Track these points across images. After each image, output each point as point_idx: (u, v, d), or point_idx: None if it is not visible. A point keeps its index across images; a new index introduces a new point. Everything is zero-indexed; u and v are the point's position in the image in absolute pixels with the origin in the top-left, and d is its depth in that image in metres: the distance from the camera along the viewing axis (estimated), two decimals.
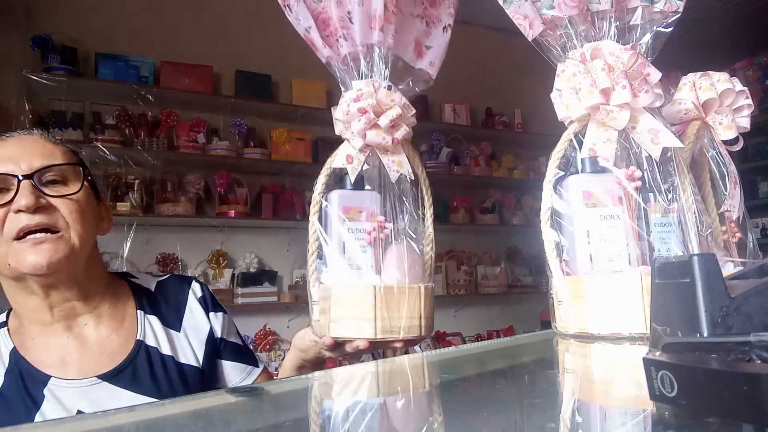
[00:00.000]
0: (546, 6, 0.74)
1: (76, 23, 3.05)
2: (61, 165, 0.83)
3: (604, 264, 0.69)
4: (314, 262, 0.82)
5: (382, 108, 0.80)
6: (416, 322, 0.76)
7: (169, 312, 0.94)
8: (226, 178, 3.20)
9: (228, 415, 0.53)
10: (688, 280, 0.38)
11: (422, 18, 0.89)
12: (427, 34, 0.90)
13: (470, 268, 3.98)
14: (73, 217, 0.81)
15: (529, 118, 4.25)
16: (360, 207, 0.81)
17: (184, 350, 0.92)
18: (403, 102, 0.81)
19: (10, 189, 0.79)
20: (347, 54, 0.82)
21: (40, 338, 0.84)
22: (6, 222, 0.78)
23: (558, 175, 0.74)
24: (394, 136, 0.81)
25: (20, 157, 0.81)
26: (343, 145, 0.83)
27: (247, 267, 3.29)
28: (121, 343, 0.87)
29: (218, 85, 3.37)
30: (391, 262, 0.78)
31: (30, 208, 0.77)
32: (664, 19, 0.74)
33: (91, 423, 0.54)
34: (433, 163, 3.85)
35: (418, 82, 0.88)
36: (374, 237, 0.79)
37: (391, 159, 0.82)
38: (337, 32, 0.82)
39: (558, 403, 0.49)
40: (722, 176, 0.83)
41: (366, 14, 0.81)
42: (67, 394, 0.81)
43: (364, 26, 0.80)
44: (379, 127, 0.80)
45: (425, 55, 0.89)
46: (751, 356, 0.32)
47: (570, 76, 0.72)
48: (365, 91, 0.79)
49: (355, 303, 0.75)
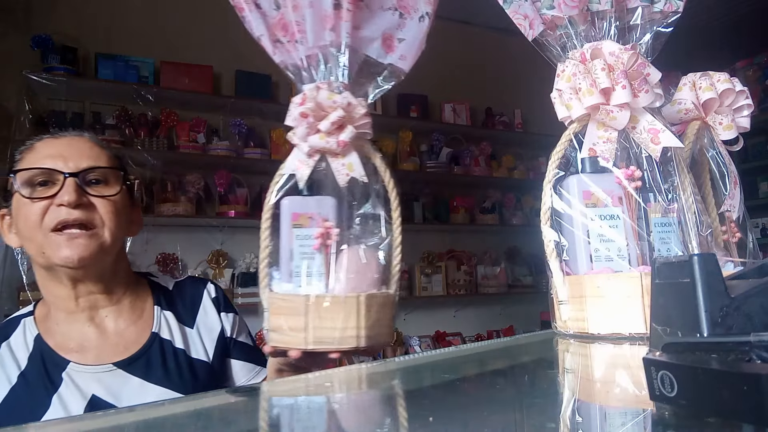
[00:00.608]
0: (546, 6, 0.74)
1: (76, 23, 3.05)
2: (104, 168, 0.91)
3: (604, 264, 0.69)
4: (265, 269, 0.80)
5: (325, 111, 0.77)
6: (352, 333, 0.72)
7: (184, 309, 0.99)
8: (226, 178, 3.20)
9: (228, 415, 0.53)
10: (688, 280, 0.38)
11: (395, 9, 0.85)
12: (400, 26, 0.85)
13: (470, 268, 3.98)
14: (109, 216, 0.88)
15: (529, 118, 4.25)
16: (310, 213, 0.78)
17: (195, 346, 0.97)
18: (348, 102, 0.77)
19: (55, 183, 0.86)
20: (306, 57, 0.81)
21: (64, 325, 0.90)
22: (47, 213, 0.85)
23: (558, 175, 0.74)
24: (339, 138, 0.77)
25: (69, 156, 0.88)
26: (294, 151, 0.82)
27: (247, 267, 3.29)
28: (137, 334, 0.93)
29: (218, 85, 3.37)
30: (338, 269, 0.76)
31: (72, 204, 0.84)
32: (664, 19, 0.74)
33: (91, 423, 0.54)
34: (433, 163, 3.85)
35: (389, 78, 0.84)
36: (321, 243, 0.76)
37: (341, 162, 0.79)
38: (294, 36, 0.81)
39: (558, 403, 0.49)
40: (722, 176, 0.83)
41: (318, 15, 0.79)
42: (83, 379, 0.86)
43: (316, 26, 0.79)
44: (321, 131, 0.77)
45: (396, 49, 0.85)
46: (751, 356, 0.32)
47: (570, 76, 0.72)
48: (309, 94, 0.78)
49: (290, 313, 0.74)
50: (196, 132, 3.20)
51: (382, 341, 0.75)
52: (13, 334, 0.90)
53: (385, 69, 0.84)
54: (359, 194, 0.80)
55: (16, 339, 0.89)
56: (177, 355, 0.93)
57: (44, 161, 0.88)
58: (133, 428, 0.48)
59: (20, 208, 0.87)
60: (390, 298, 0.78)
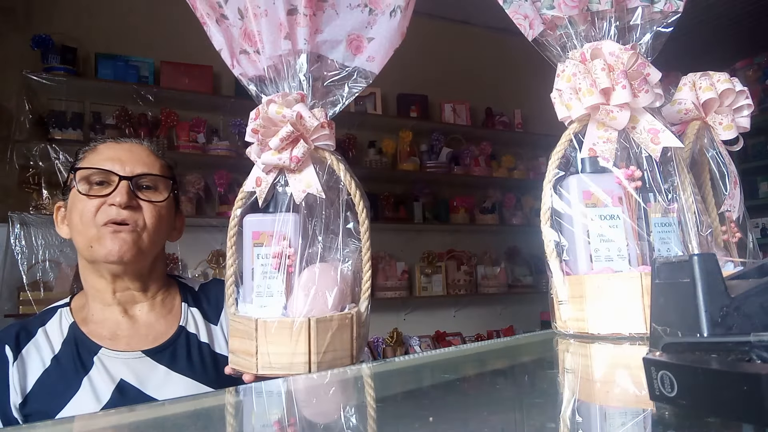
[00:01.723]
0: (546, 6, 0.74)
1: (76, 23, 3.05)
2: (156, 175, 0.99)
3: (604, 264, 0.69)
4: (231, 287, 0.79)
5: (277, 125, 0.74)
6: (302, 359, 0.68)
7: (209, 308, 1.06)
8: (226, 178, 3.20)
9: (228, 415, 0.53)
10: (688, 280, 0.38)
11: (365, 6, 0.80)
12: (369, 24, 0.80)
13: (470, 268, 3.98)
14: (152, 221, 0.95)
15: (529, 118, 4.25)
16: (271, 231, 0.75)
17: (219, 342, 1.02)
18: (298, 116, 0.73)
19: (110, 184, 0.94)
20: (267, 67, 0.78)
21: (99, 315, 0.97)
22: (100, 211, 0.92)
23: (558, 175, 0.74)
24: (292, 155, 0.73)
25: (127, 161, 0.96)
26: (254, 167, 0.79)
27: None
28: (166, 327, 1.00)
29: (218, 85, 3.36)
30: (295, 289, 0.73)
31: (122, 205, 0.92)
32: (664, 19, 0.74)
33: (92, 423, 0.54)
34: (433, 163, 3.85)
35: (358, 82, 0.80)
36: (279, 263, 0.73)
37: (297, 178, 0.75)
38: (256, 46, 0.78)
39: (558, 403, 0.49)
40: (722, 176, 0.83)
41: (273, 23, 0.75)
42: (113, 363, 0.92)
43: (272, 36, 0.76)
44: (270, 148, 0.74)
45: (364, 50, 0.80)
46: (751, 356, 0.32)
47: (570, 76, 0.72)
48: (261, 109, 0.75)
49: (244, 336, 0.72)
50: (196, 132, 3.20)
51: (340, 366, 0.71)
52: (50, 321, 0.96)
53: (353, 73, 0.80)
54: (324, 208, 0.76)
55: (52, 326, 0.95)
56: (201, 349, 0.99)
57: (104, 163, 0.95)
58: (134, 428, 0.48)
59: (76, 203, 0.94)
60: (348, 318, 0.73)
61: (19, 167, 2.75)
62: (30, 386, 0.89)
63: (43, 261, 2.73)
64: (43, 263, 2.73)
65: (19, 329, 0.94)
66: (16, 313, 2.63)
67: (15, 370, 0.89)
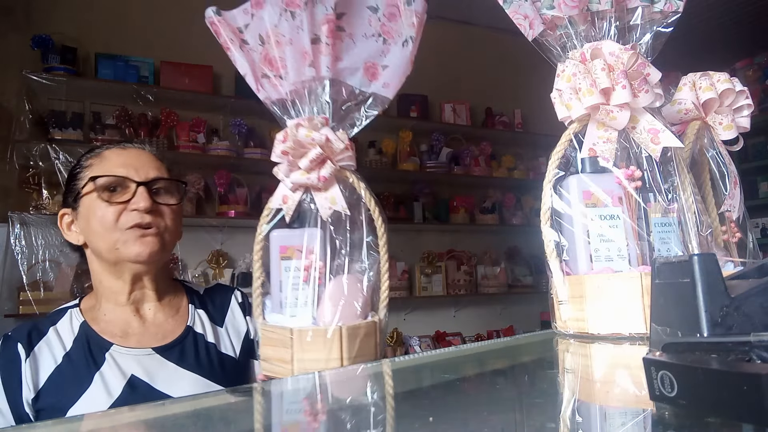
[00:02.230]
0: (546, 6, 0.74)
1: (76, 23, 3.05)
2: (169, 179, 1.03)
3: (604, 264, 0.69)
4: (258, 298, 0.84)
5: (305, 148, 0.80)
6: (335, 364, 0.73)
7: (214, 310, 1.10)
8: (226, 178, 3.20)
9: (228, 415, 0.53)
10: (688, 280, 0.38)
11: (379, 35, 0.86)
12: (383, 52, 0.86)
13: (470, 268, 3.98)
14: (170, 222, 1.00)
15: (529, 118, 4.25)
16: (298, 245, 0.81)
17: (224, 342, 1.07)
18: (326, 139, 0.79)
19: (127, 189, 0.97)
20: (290, 92, 0.83)
21: (111, 314, 1.00)
22: (122, 216, 0.96)
23: (558, 175, 0.74)
24: (320, 174, 0.80)
25: (139, 166, 1.00)
26: (280, 185, 0.85)
27: (247, 267, 3.28)
28: (174, 326, 1.04)
29: (218, 85, 3.36)
30: (324, 300, 0.78)
31: (145, 209, 0.96)
32: (664, 19, 0.74)
33: (92, 423, 0.54)
34: (433, 163, 3.85)
35: (374, 107, 0.85)
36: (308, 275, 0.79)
37: (323, 196, 0.81)
38: (279, 71, 0.83)
39: (558, 403, 0.49)
40: (722, 176, 0.83)
41: (297, 51, 0.81)
42: (125, 360, 0.95)
43: (296, 63, 0.81)
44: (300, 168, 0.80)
45: (379, 77, 0.86)
46: (751, 356, 0.32)
47: (570, 76, 0.72)
48: (289, 132, 0.80)
49: (277, 344, 0.77)
50: (196, 132, 3.20)
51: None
52: (60, 321, 0.99)
53: (369, 98, 0.85)
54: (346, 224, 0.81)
55: (63, 325, 0.98)
56: (208, 348, 1.03)
57: (116, 169, 0.98)
58: (134, 427, 0.48)
59: (94, 210, 0.97)
60: (374, 326, 0.79)
61: (19, 167, 2.75)
62: (42, 382, 0.91)
63: (43, 261, 2.73)
64: (43, 263, 2.73)
65: (30, 328, 0.97)
66: (16, 313, 2.63)
67: (27, 367, 0.92)
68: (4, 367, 0.92)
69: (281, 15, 0.81)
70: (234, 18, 0.88)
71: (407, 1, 0.85)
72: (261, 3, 0.84)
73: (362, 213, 0.82)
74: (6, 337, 0.96)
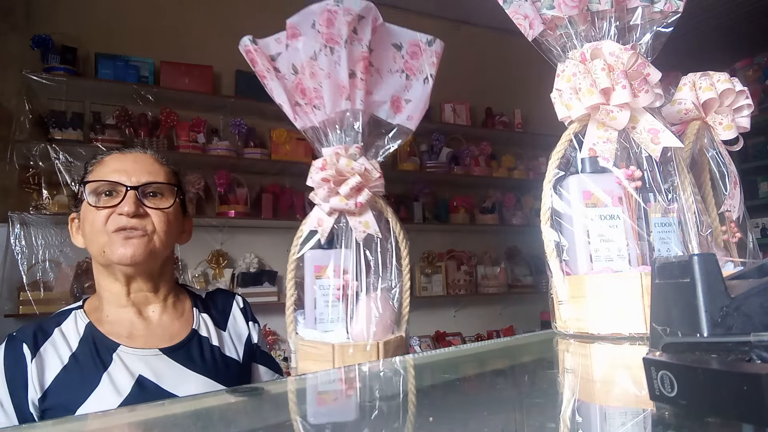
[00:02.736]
0: (546, 6, 0.74)
1: (76, 23, 3.05)
2: (161, 183, 1.04)
3: (604, 264, 0.69)
4: (291, 315, 0.90)
5: (344, 176, 0.87)
6: None
7: (217, 315, 1.12)
8: (226, 178, 3.20)
9: (228, 415, 0.53)
10: (688, 280, 0.38)
11: (402, 72, 0.94)
12: (407, 87, 0.94)
13: (470, 268, 3.98)
14: (161, 225, 1.01)
15: (529, 118, 4.25)
16: (331, 265, 0.88)
17: (228, 346, 1.09)
18: (364, 168, 0.87)
19: (118, 194, 0.99)
20: (323, 121, 0.89)
21: (114, 316, 1.02)
22: (110, 219, 0.98)
23: (558, 175, 0.74)
24: (357, 200, 0.87)
25: (132, 171, 1.01)
26: (315, 209, 0.91)
27: (247, 267, 3.29)
28: (179, 329, 1.05)
29: (218, 85, 3.36)
30: (357, 316, 0.85)
31: (130, 214, 0.97)
32: (664, 19, 0.74)
33: (92, 423, 0.54)
34: (433, 163, 3.85)
35: (397, 137, 0.93)
36: (341, 293, 0.86)
37: (358, 220, 0.89)
38: (312, 101, 0.89)
39: (558, 403, 0.49)
40: (722, 176, 0.83)
41: (334, 84, 0.86)
42: (132, 360, 0.96)
43: (333, 95, 0.87)
44: (340, 194, 0.87)
45: (403, 110, 0.94)
46: (751, 356, 0.32)
47: (570, 76, 0.72)
48: (329, 160, 0.87)
49: (318, 359, 0.83)
50: (196, 132, 3.19)
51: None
52: (65, 322, 1.00)
53: (394, 128, 0.94)
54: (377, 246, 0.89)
55: (68, 326, 0.99)
56: (213, 351, 1.05)
57: (111, 175, 1.00)
58: (135, 427, 0.48)
59: (87, 213, 1.00)
60: (402, 340, 0.87)
61: (19, 167, 2.75)
62: (49, 382, 0.92)
63: (43, 261, 2.73)
64: (43, 263, 2.73)
65: (35, 329, 0.97)
66: (16, 313, 2.63)
67: (34, 367, 0.92)
68: (9, 367, 0.92)
69: (321, 50, 0.87)
70: (267, 46, 0.94)
71: (429, 41, 0.95)
72: (296, 35, 0.90)
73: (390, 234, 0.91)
74: (10, 337, 0.96)
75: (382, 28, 0.91)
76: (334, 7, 0.85)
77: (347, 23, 0.85)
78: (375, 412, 0.49)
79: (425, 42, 0.94)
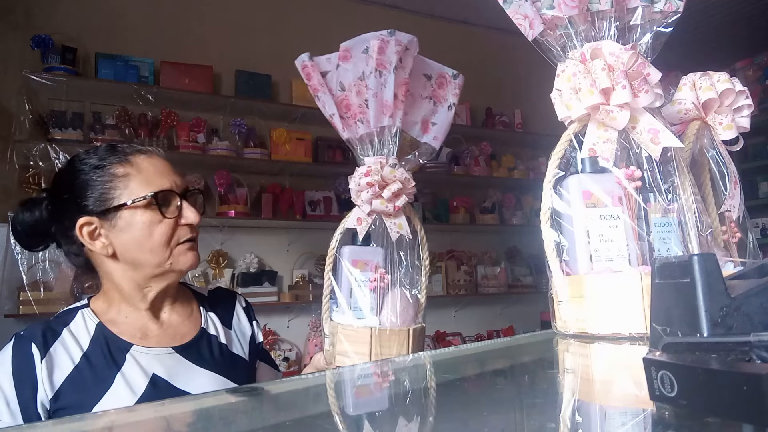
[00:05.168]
0: (546, 6, 0.74)
1: (76, 23, 3.05)
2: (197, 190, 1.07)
3: (604, 264, 0.69)
4: (327, 302, 1.02)
5: (386, 182, 0.99)
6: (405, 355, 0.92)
7: (222, 313, 1.14)
8: (226, 178, 3.20)
9: (228, 415, 0.53)
10: (688, 280, 0.38)
11: (430, 98, 1.08)
12: (433, 112, 1.08)
13: (470, 268, 3.98)
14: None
15: (529, 118, 4.25)
16: (366, 260, 1.01)
17: (235, 344, 1.11)
18: (404, 177, 1.01)
19: (173, 202, 0.99)
20: (364, 134, 1.01)
21: (129, 317, 1.02)
22: (175, 232, 0.99)
23: (558, 175, 0.74)
24: (395, 204, 1.01)
25: (173, 176, 1.01)
26: (355, 209, 1.03)
27: (247, 267, 3.29)
28: (189, 328, 1.07)
29: (218, 85, 3.36)
30: (388, 306, 0.97)
31: (198, 223, 1.01)
32: (664, 19, 0.74)
33: (93, 423, 0.54)
34: (433, 163, 3.84)
35: (423, 154, 1.06)
36: (376, 285, 0.98)
37: (393, 222, 1.02)
38: (356, 116, 1.02)
39: (558, 403, 0.49)
40: (722, 176, 0.83)
41: (379, 103, 0.99)
42: (146, 359, 0.97)
43: (377, 113, 0.99)
44: (382, 198, 1.00)
45: (430, 131, 1.07)
46: (751, 356, 0.32)
47: (570, 76, 0.72)
48: (373, 168, 0.99)
49: (356, 340, 0.94)
50: (196, 132, 3.20)
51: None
52: (73, 321, 0.99)
53: (421, 146, 1.07)
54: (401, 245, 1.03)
55: (77, 325, 0.98)
56: (221, 348, 1.07)
57: (162, 182, 0.98)
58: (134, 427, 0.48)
59: (147, 224, 0.95)
60: (423, 329, 1.02)
61: (19, 167, 2.75)
62: (60, 382, 0.91)
63: (43, 261, 2.73)
64: (43, 263, 2.73)
65: (44, 328, 0.96)
66: (16, 313, 2.63)
67: (44, 367, 0.91)
68: (17, 367, 0.91)
69: (371, 72, 0.99)
70: (319, 64, 1.05)
71: (454, 75, 1.11)
72: (348, 57, 1.03)
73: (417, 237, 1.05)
74: (18, 336, 0.94)
75: (417, 59, 1.06)
76: (387, 38, 0.99)
77: (396, 52, 0.99)
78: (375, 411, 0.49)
79: (451, 75, 1.10)
